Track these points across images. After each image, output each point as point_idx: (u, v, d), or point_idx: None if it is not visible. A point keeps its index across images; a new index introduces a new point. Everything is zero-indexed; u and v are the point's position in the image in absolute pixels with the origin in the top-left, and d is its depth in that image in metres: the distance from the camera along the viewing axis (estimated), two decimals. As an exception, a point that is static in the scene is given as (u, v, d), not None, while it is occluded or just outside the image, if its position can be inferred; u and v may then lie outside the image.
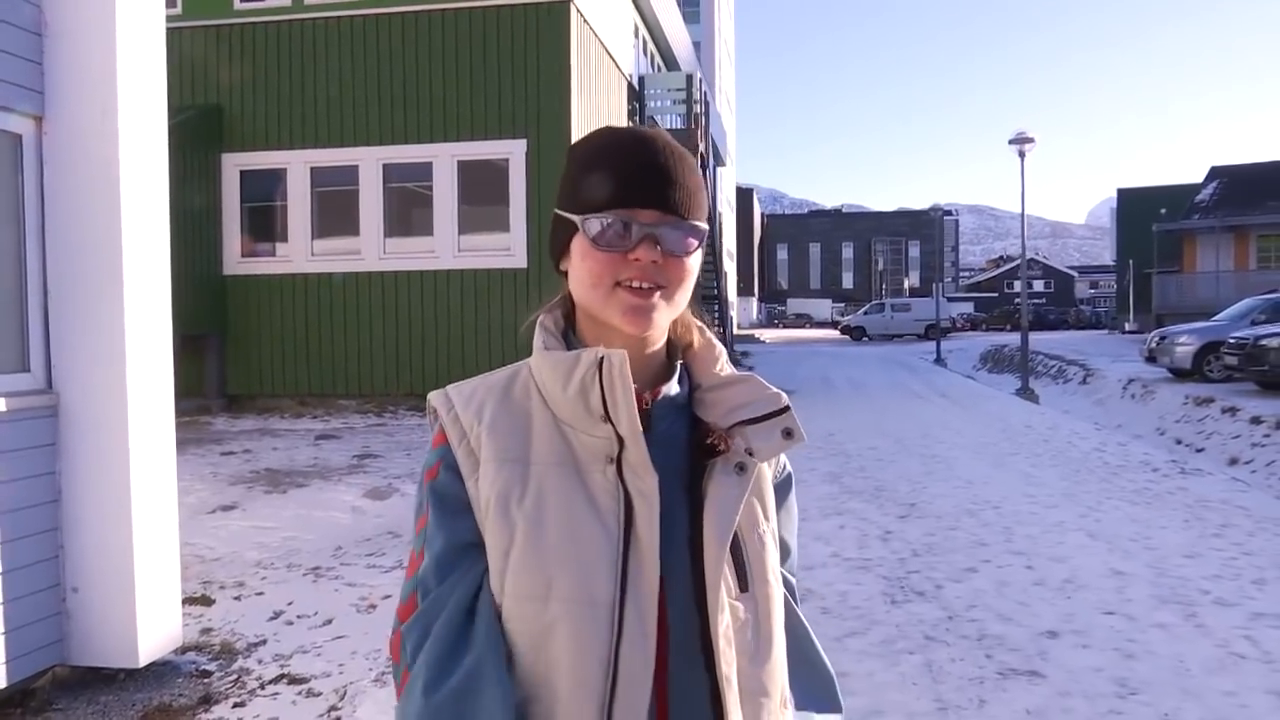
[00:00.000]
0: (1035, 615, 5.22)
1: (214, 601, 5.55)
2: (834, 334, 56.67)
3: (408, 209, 14.36)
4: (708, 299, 23.04)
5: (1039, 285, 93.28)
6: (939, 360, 29.54)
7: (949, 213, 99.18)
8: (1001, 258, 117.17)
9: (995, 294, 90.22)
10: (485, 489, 1.10)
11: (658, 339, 1.17)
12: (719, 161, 33.76)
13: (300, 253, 14.27)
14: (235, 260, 14.38)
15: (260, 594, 5.69)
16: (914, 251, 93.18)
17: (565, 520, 1.07)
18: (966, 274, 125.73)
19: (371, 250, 14.02)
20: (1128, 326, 43.79)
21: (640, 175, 1.10)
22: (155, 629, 4.33)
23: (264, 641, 4.90)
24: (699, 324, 1.24)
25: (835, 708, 1.28)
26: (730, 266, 51.00)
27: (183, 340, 13.20)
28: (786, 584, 1.25)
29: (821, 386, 20.91)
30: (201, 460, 9.86)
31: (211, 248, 14.17)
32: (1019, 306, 21.69)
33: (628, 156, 1.11)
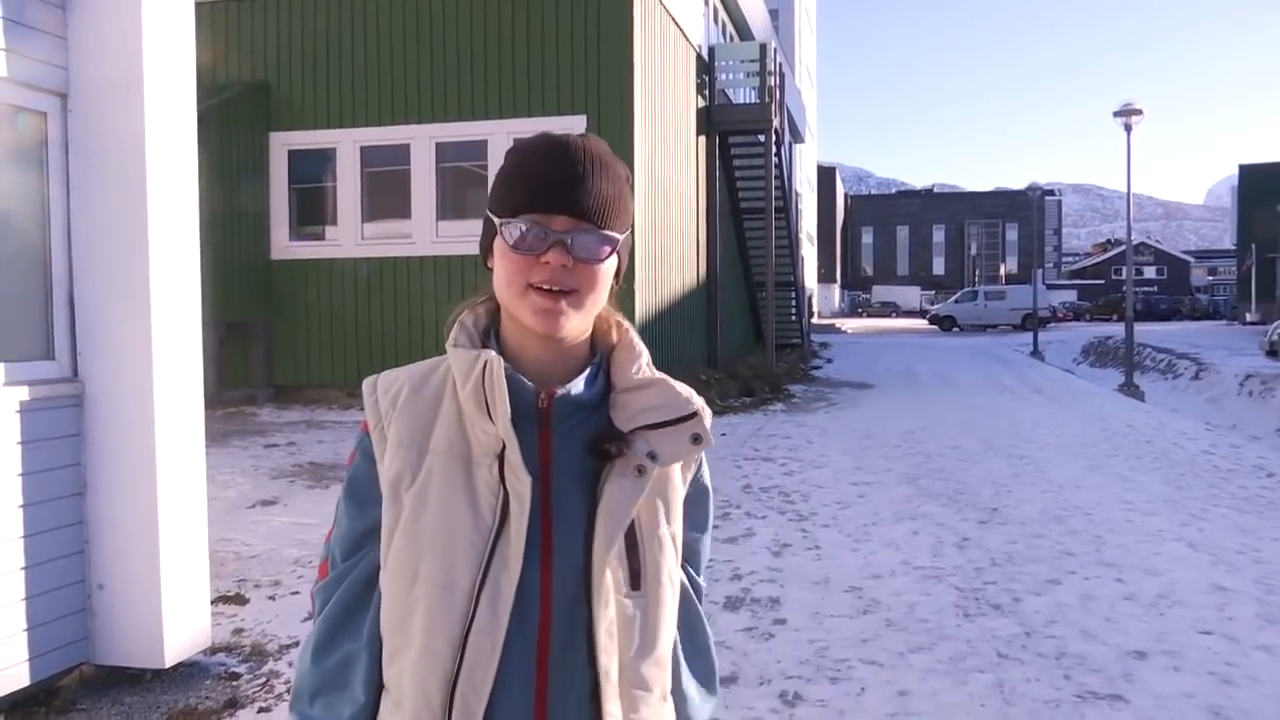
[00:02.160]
0: (1123, 633, 5.09)
1: (248, 601, 5.67)
2: (922, 324, 55.94)
3: (462, 190, 14.49)
4: (783, 285, 22.88)
5: (1150, 271, 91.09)
6: (1036, 353, 29.04)
7: (1050, 193, 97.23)
8: (1109, 241, 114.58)
9: (1101, 281, 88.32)
10: (384, 471, 1.26)
11: (574, 338, 1.28)
12: (796, 137, 33.48)
13: (350, 237, 14.48)
14: (283, 244, 14.66)
15: (296, 593, 5.80)
16: (1011, 235, 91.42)
17: (442, 509, 1.21)
18: (1070, 259, 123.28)
19: (424, 234, 14.17)
20: (1249, 317, 42.53)
21: (555, 183, 1.22)
22: (182, 629, 4.43)
23: (296, 643, 4.98)
24: (622, 324, 1.35)
25: (712, 692, 1.42)
26: (810, 251, 50.64)
27: (228, 328, 13.57)
28: (693, 584, 1.38)
29: (904, 380, 20.66)
30: (244, 453, 10.09)
31: (259, 231, 14.46)
32: (1126, 294, 21.17)
33: (547, 165, 1.23)
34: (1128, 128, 19.71)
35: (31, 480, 4.09)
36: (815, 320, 46.05)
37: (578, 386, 1.26)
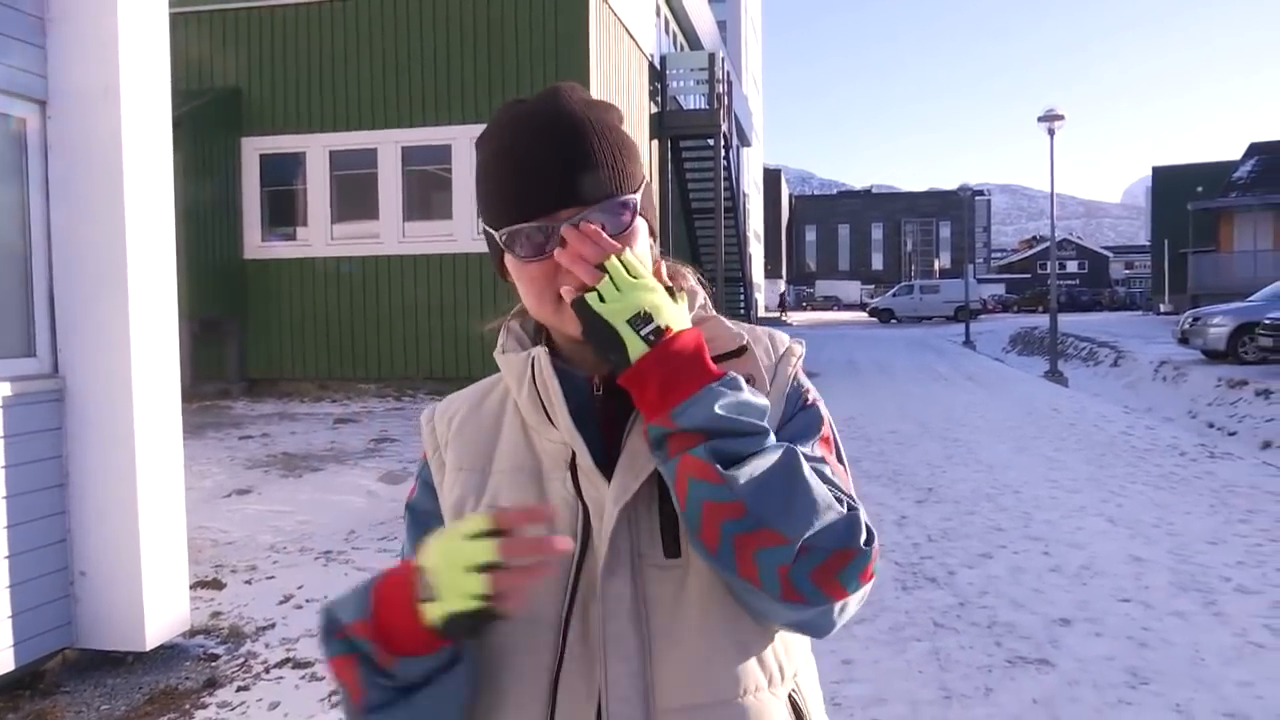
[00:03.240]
0: (1049, 602, 5.18)
1: (225, 585, 5.61)
2: (862, 316, 56.35)
3: (427, 192, 14.39)
4: (732, 281, 22.96)
5: (1072, 266, 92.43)
6: (968, 343, 29.33)
7: (980, 193, 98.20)
8: (1034, 238, 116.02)
9: (1028, 275, 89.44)
10: (445, 496, 1.09)
11: None
12: (744, 141, 33.58)
13: (320, 237, 14.34)
14: (255, 244, 14.48)
15: (271, 578, 5.75)
16: (945, 232, 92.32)
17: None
18: (999, 255, 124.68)
19: (391, 234, 14.07)
20: (1162, 308, 43.26)
21: (547, 175, 0.99)
22: (163, 612, 4.38)
23: (272, 625, 4.95)
24: (680, 271, 1.16)
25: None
26: (757, 248, 50.81)
27: (203, 324, 13.37)
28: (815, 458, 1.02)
29: (846, 369, 20.82)
30: (219, 444, 9.96)
31: (232, 232, 14.28)
32: (1051, 287, 21.47)
33: (528, 154, 1.00)
34: (1051, 132, 19.96)
35: (14, 472, 4.02)
36: (762, 313, 46.23)
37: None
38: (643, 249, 1.05)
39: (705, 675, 0.98)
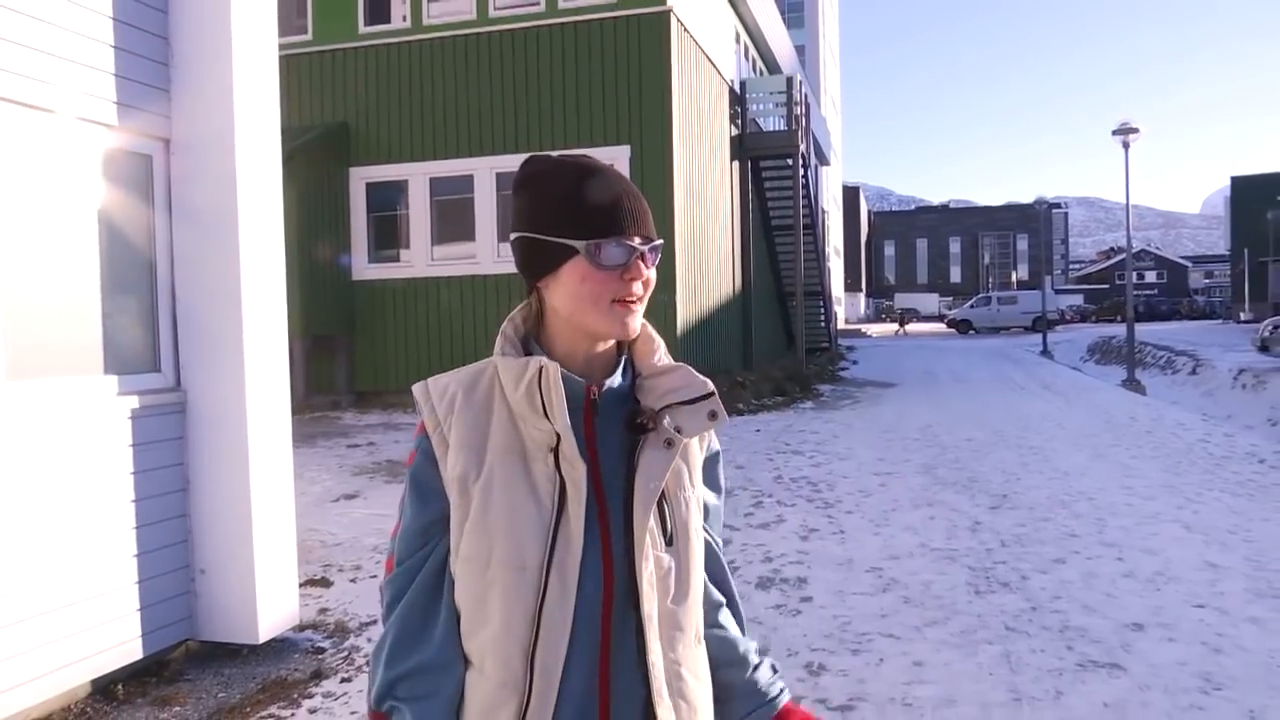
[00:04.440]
0: (1122, 607, 5.01)
1: (332, 584, 5.75)
2: (940, 328, 55.24)
3: (520, 215, 14.57)
4: (811, 294, 22.75)
5: (1151, 276, 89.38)
6: (1045, 352, 28.58)
7: (1057, 205, 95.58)
8: (1112, 249, 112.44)
9: (1105, 285, 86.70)
10: (450, 469, 1.27)
11: None
12: (822, 160, 33.27)
13: (421, 258, 14.65)
14: (363, 266, 14.85)
15: (374, 577, 5.87)
16: (1022, 245, 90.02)
17: (507, 499, 1.23)
18: (1077, 266, 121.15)
19: (486, 255, 14.30)
20: (1242, 316, 41.57)
21: (627, 205, 1.24)
22: (274, 608, 4.51)
23: (374, 622, 5.05)
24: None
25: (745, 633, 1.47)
26: (836, 263, 50.27)
27: (315, 341, 13.76)
28: (717, 544, 1.43)
29: (923, 380, 20.44)
30: (329, 452, 10.22)
31: (341, 255, 14.66)
32: (1128, 296, 20.81)
33: (611, 189, 1.25)
34: (1125, 145, 19.39)
35: (142, 478, 4.20)
36: (842, 325, 45.69)
37: (617, 379, 1.31)
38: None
39: (689, 630, 1.32)
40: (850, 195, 71.93)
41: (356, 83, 14.79)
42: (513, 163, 14.04)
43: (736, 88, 18.99)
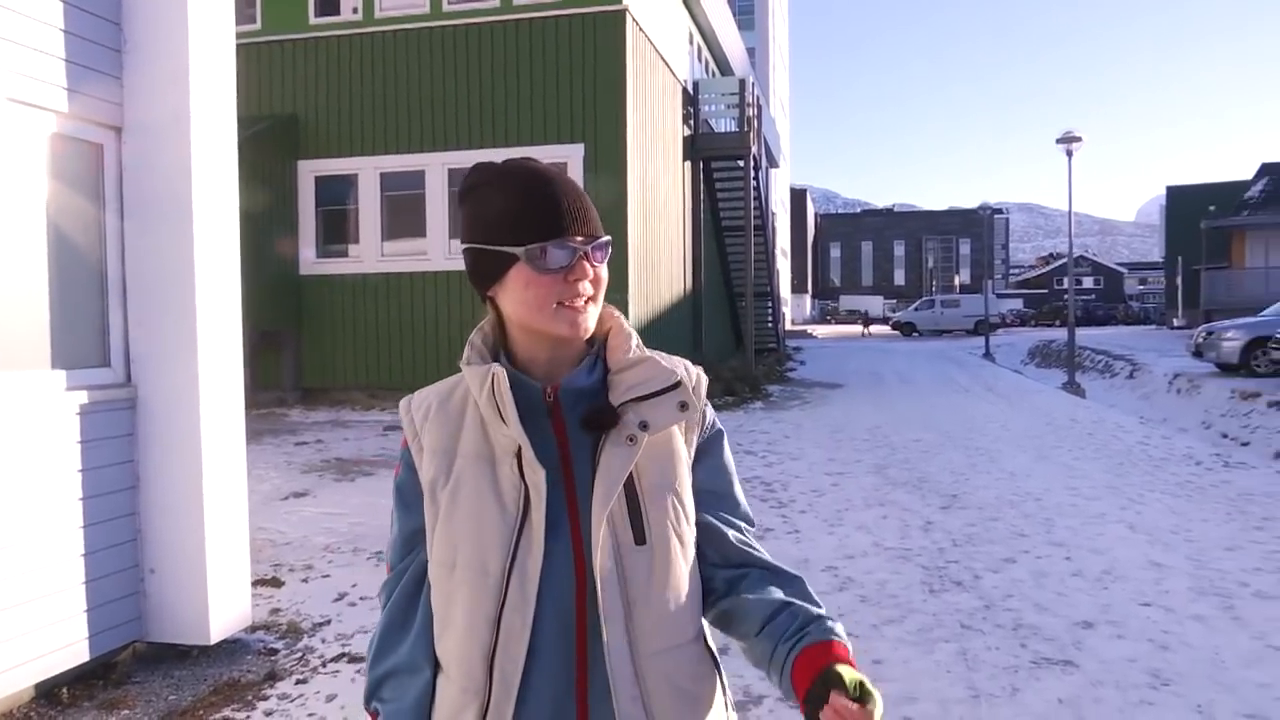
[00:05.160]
0: (1072, 606, 5.11)
1: (283, 583, 5.65)
2: (885, 330, 55.92)
3: (472, 211, 14.45)
4: (760, 295, 22.89)
5: (1088, 282, 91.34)
6: (988, 355, 29.05)
7: (999, 211, 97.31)
8: (1051, 255, 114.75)
9: (1045, 290, 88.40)
10: (423, 475, 1.29)
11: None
12: (772, 163, 33.51)
13: (371, 254, 14.47)
14: (311, 261, 14.63)
15: (327, 576, 5.78)
16: (965, 249, 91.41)
17: (474, 504, 1.24)
18: (1017, 271, 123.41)
19: (437, 251, 14.16)
20: (1176, 322, 42.62)
21: (566, 206, 1.23)
22: (226, 609, 4.42)
23: (328, 622, 4.97)
24: (613, 312, 1.35)
25: (815, 604, 1.32)
26: (784, 264, 50.62)
27: (261, 336, 13.50)
28: (734, 527, 1.36)
29: (870, 381, 20.68)
30: (277, 450, 10.05)
31: (289, 249, 14.42)
32: (1068, 302, 21.24)
33: (548, 192, 1.24)
34: (1069, 153, 19.77)
35: (90, 476, 4.08)
36: (789, 326, 46.03)
37: (578, 377, 1.29)
38: (606, 283, 1.30)
39: (668, 628, 1.26)
40: (797, 197, 72.48)
41: (306, 74, 14.55)
42: (465, 159, 13.94)
43: (689, 88, 19.03)
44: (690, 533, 1.30)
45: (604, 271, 1.28)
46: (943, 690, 4.00)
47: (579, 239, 1.23)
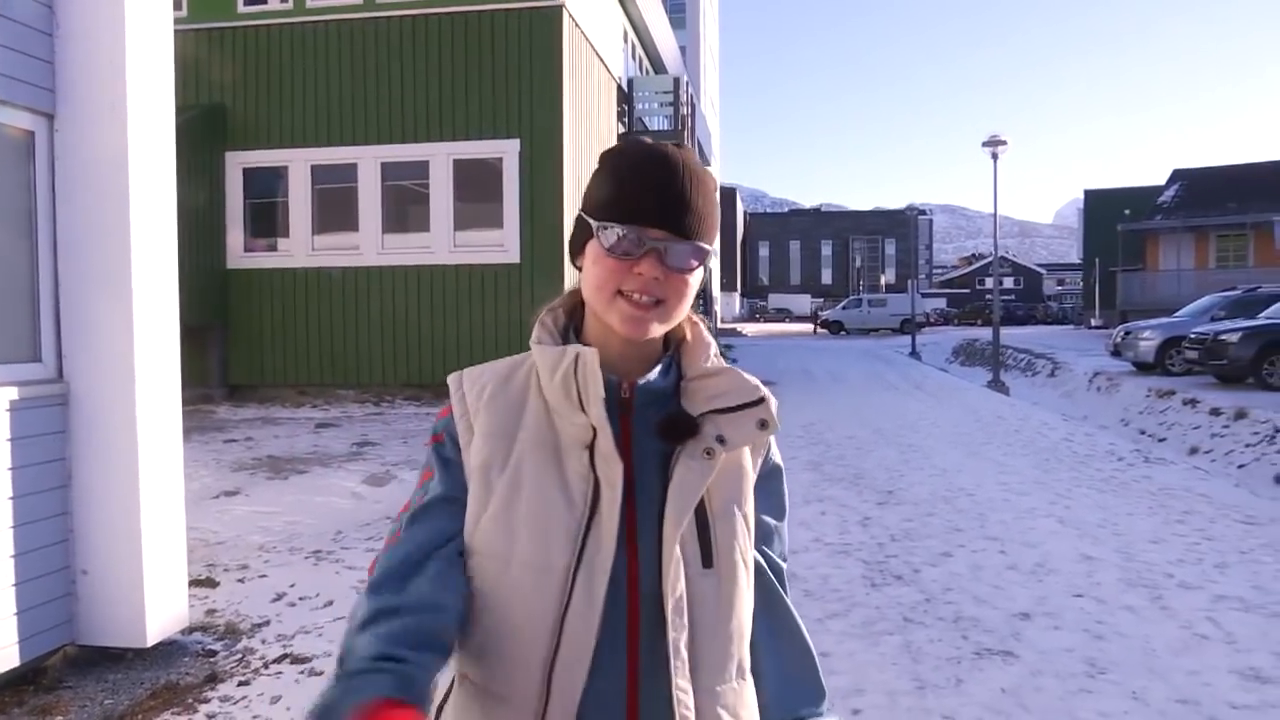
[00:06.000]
0: (1009, 598, 5.24)
1: (219, 584, 5.52)
2: (812, 328, 56.63)
3: (405, 206, 14.28)
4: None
5: (1008, 282, 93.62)
6: (914, 354, 29.58)
7: (923, 212, 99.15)
8: (973, 256, 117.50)
9: (967, 290, 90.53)
10: (473, 457, 1.18)
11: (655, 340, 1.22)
12: (704, 161, 33.70)
13: (301, 248, 14.18)
14: (238, 254, 14.29)
15: (264, 576, 5.66)
16: (890, 249, 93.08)
17: (536, 494, 1.13)
18: (940, 270, 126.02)
19: (370, 246, 13.95)
20: (1093, 322, 43.95)
21: (654, 195, 1.14)
22: (162, 610, 4.30)
23: (267, 622, 4.87)
24: (694, 319, 1.27)
25: (819, 691, 1.27)
26: (714, 263, 50.93)
27: (186, 331, 13.08)
28: (773, 566, 1.28)
29: (802, 378, 20.92)
30: (205, 447, 9.80)
31: (215, 242, 14.09)
32: (990, 302, 21.73)
33: (647, 176, 1.14)
34: (994, 156, 20.23)
35: (19, 474, 3.94)
36: (720, 325, 46.37)
37: (654, 376, 1.21)
38: (691, 295, 1.19)
39: (729, 662, 1.17)
40: (727, 196, 73.03)
41: (234, 64, 14.21)
42: (399, 153, 13.76)
43: (624, 86, 19.05)
44: (753, 559, 1.22)
45: (691, 280, 1.17)
46: (890, 682, 4.07)
47: (658, 233, 1.13)
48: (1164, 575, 5.68)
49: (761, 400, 1.20)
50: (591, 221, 1.17)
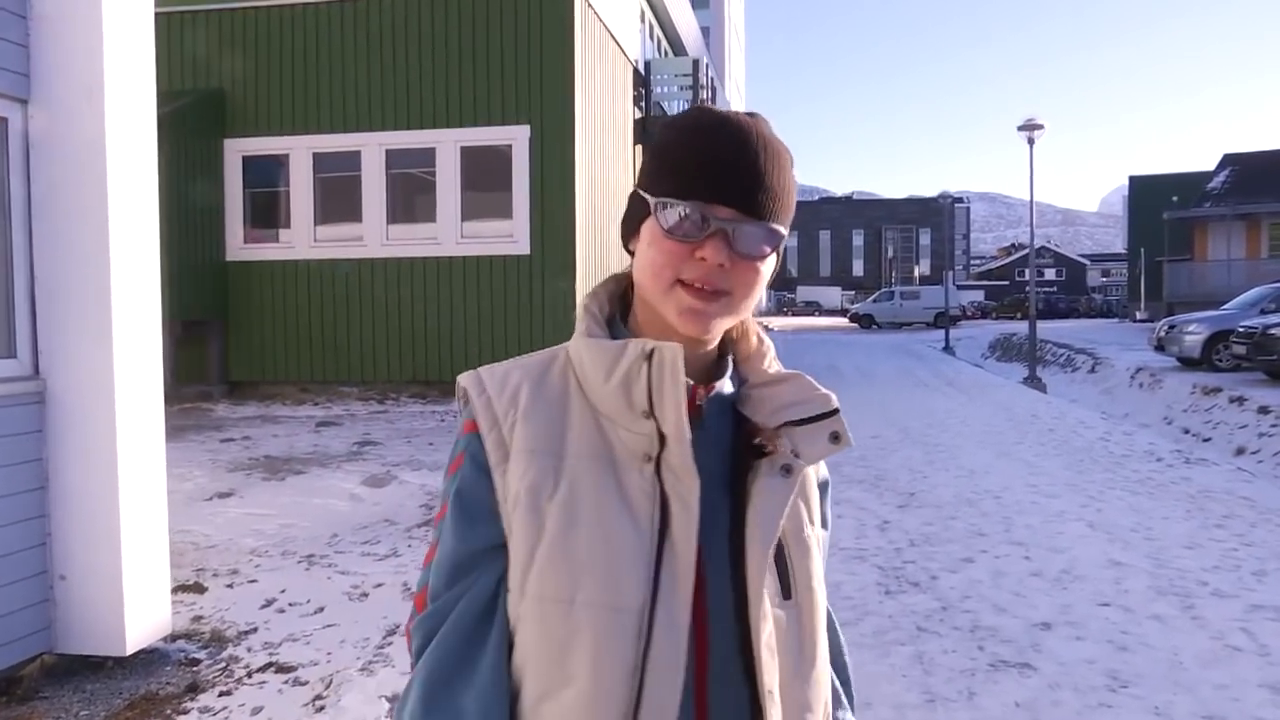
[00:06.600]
0: (1030, 607, 5.20)
1: (206, 589, 5.55)
2: (842, 321, 56.44)
3: (411, 195, 14.33)
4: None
5: (1050, 273, 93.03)
6: (948, 348, 29.44)
7: (959, 200, 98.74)
8: (1012, 246, 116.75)
9: (1006, 282, 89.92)
10: (514, 482, 1.04)
11: (716, 338, 1.12)
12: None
13: (303, 239, 14.26)
14: (238, 246, 14.38)
15: (254, 581, 5.69)
16: (925, 239, 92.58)
17: (597, 520, 1.01)
18: (978, 261, 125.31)
19: (374, 237, 14.00)
20: (1139, 315, 43.59)
21: (723, 167, 1.02)
22: (143, 617, 4.33)
23: (254, 629, 4.90)
24: (751, 317, 1.17)
25: (849, 702, 1.27)
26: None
27: (185, 326, 13.27)
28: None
29: (828, 374, 20.84)
30: (200, 447, 9.88)
31: (214, 234, 14.18)
32: (1029, 294, 21.57)
33: (714, 145, 1.03)
34: (1030, 141, 20.07)
35: (-7, 475, 3.97)
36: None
37: (725, 384, 1.11)
38: (761, 287, 1.08)
39: (815, 697, 1.09)
40: (753, 184, 72.67)
41: (232, 48, 14.29)
42: (404, 140, 13.80)
43: (641, 68, 19.03)
44: (824, 589, 1.13)
45: (762, 269, 1.06)
46: (898, 695, 4.05)
47: (726, 212, 1.01)
48: (1197, 583, 5.62)
49: (835, 412, 1.09)
50: (649, 198, 1.05)
